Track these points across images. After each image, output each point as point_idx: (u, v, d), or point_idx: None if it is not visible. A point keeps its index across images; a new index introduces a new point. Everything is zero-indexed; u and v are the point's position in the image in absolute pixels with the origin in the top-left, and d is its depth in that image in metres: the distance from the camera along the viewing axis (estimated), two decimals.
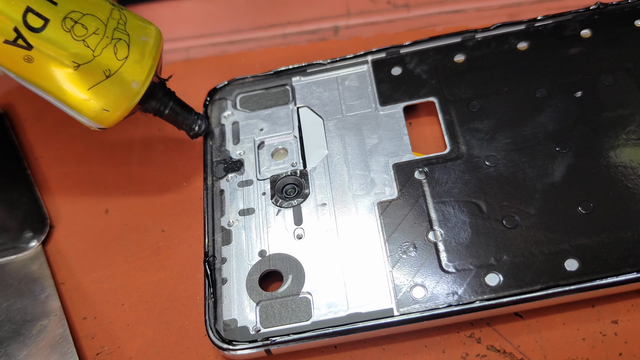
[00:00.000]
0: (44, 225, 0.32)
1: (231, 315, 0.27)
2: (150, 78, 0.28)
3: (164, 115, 0.30)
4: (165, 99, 0.29)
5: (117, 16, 0.27)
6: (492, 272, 0.26)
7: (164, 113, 0.30)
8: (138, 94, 0.27)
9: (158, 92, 0.29)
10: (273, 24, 0.38)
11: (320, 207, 0.29)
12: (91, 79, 0.26)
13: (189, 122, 0.31)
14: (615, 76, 0.29)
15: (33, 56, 0.26)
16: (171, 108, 0.30)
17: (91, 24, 0.26)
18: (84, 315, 0.29)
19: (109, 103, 0.27)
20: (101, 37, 0.26)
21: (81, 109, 0.27)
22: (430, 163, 0.29)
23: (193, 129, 0.31)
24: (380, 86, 0.32)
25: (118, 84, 0.27)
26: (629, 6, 0.31)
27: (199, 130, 0.31)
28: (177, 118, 0.30)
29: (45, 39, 0.25)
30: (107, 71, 0.26)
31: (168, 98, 0.30)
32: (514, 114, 0.29)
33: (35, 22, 0.25)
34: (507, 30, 0.32)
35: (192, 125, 0.31)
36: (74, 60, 0.26)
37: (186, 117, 0.30)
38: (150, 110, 0.29)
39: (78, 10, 0.26)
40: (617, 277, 0.25)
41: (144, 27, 0.28)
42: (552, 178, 0.27)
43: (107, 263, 0.31)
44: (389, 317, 0.25)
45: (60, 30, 0.25)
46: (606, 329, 0.26)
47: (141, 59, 0.27)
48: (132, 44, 0.27)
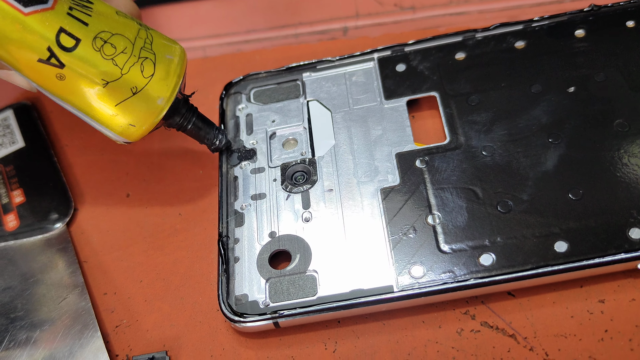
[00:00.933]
0: (69, 207, 0.34)
1: (242, 291, 0.29)
2: (174, 95, 0.29)
3: (187, 130, 0.31)
4: (188, 114, 0.30)
5: (144, 35, 0.28)
6: (486, 253, 0.27)
7: (187, 128, 0.31)
8: (163, 110, 0.28)
9: (182, 108, 0.30)
10: (286, 24, 0.41)
11: (327, 193, 0.31)
12: (119, 96, 0.28)
13: (211, 136, 0.32)
14: (606, 73, 0.31)
15: (65, 74, 0.27)
16: (194, 123, 0.31)
17: (120, 43, 0.27)
18: (104, 291, 0.32)
19: (135, 119, 0.28)
20: (129, 56, 0.27)
21: (109, 124, 0.28)
22: (431, 153, 0.31)
23: (214, 143, 0.32)
24: (385, 81, 0.34)
25: (144, 101, 0.28)
26: (621, 8, 0.33)
27: (219, 144, 0.32)
28: (200, 133, 0.31)
29: (76, 58, 0.26)
30: (134, 88, 0.28)
31: (191, 113, 0.31)
32: (510, 108, 0.31)
33: (67, 42, 0.26)
34: (506, 30, 0.34)
35: (213, 139, 0.32)
36: (103, 78, 0.27)
37: (208, 132, 0.31)
38: (174, 125, 0.30)
39: (108, 30, 0.27)
40: (603, 258, 0.26)
41: (169, 46, 0.29)
42: (545, 167, 0.29)
43: (127, 243, 0.33)
44: (389, 293, 0.27)
45: (90, 49, 0.27)
46: (593, 308, 0.27)
47: (166, 76, 0.28)
48: (157, 62, 0.28)
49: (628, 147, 0.29)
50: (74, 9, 0.26)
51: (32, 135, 0.37)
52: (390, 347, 0.28)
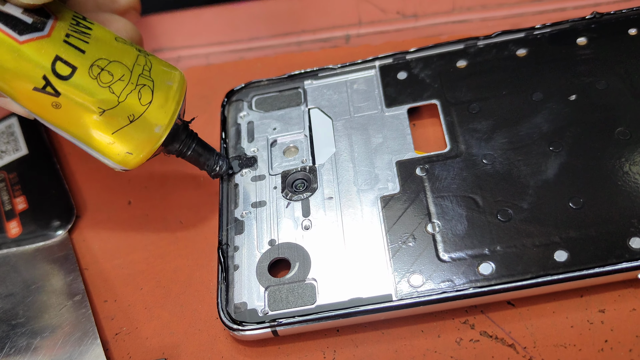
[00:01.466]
0: (71, 215, 0.34)
1: (242, 299, 0.29)
2: (172, 122, 0.28)
3: (186, 156, 0.30)
4: (188, 140, 0.30)
5: (143, 62, 0.28)
6: (486, 262, 0.27)
7: (186, 154, 0.30)
8: (161, 138, 0.28)
9: (181, 134, 0.30)
10: (289, 32, 0.41)
11: (327, 201, 0.31)
12: (116, 124, 0.27)
13: (211, 162, 0.31)
14: (608, 81, 0.31)
15: (61, 102, 0.26)
16: (194, 149, 0.30)
17: (117, 71, 0.27)
18: (105, 298, 0.32)
19: (132, 146, 0.28)
20: (126, 83, 0.27)
21: (106, 152, 0.28)
22: (431, 161, 0.31)
23: (214, 169, 0.31)
24: (386, 89, 0.34)
25: (141, 129, 0.27)
26: (623, 16, 0.33)
27: (219, 170, 0.32)
28: (200, 159, 0.31)
29: (72, 86, 0.26)
30: (131, 116, 0.27)
31: (191, 140, 0.30)
32: (511, 116, 0.31)
33: (63, 70, 0.26)
34: (508, 37, 0.34)
35: (213, 166, 0.31)
36: (100, 106, 0.26)
37: (208, 158, 0.31)
38: (173, 152, 0.30)
39: (105, 57, 0.27)
40: (603, 268, 0.26)
41: (168, 72, 0.28)
42: (545, 175, 0.29)
43: (128, 251, 0.33)
44: (388, 302, 0.27)
45: (87, 77, 0.26)
46: (593, 318, 0.27)
47: (164, 103, 0.28)
48: (156, 89, 0.28)
49: (629, 155, 0.29)
50: (71, 35, 0.26)
51: (36, 142, 0.37)
52: (389, 356, 0.27)
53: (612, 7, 0.37)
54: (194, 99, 0.38)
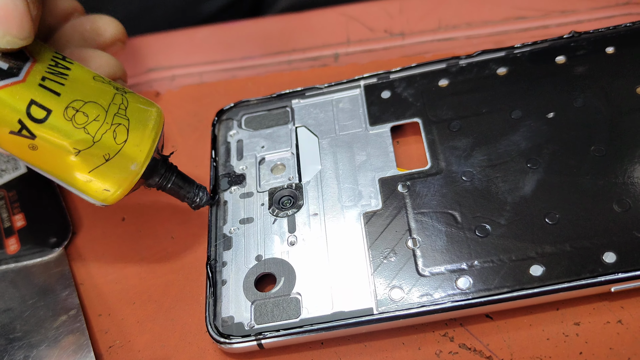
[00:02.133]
0: (67, 231, 0.35)
1: (229, 313, 0.30)
2: (149, 159, 0.29)
3: (166, 189, 0.31)
4: (167, 173, 0.31)
5: (119, 101, 0.28)
6: (464, 276, 0.28)
7: (166, 187, 0.31)
8: (137, 174, 0.29)
9: (160, 168, 0.30)
10: (280, 51, 0.42)
11: (312, 217, 0.32)
12: (91, 163, 0.28)
13: (191, 195, 0.32)
14: (585, 99, 0.32)
15: (37, 144, 0.27)
16: (174, 182, 0.31)
17: (92, 112, 0.27)
18: (99, 312, 0.33)
19: (109, 184, 0.28)
20: (101, 123, 0.27)
21: (84, 189, 0.29)
22: (413, 178, 0.32)
23: (195, 201, 0.32)
24: (370, 108, 0.35)
25: (117, 167, 0.28)
26: (600, 35, 0.34)
27: (200, 202, 0.32)
28: (180, 192, 0.31)
29: (48, 129, 0.27)
30: (106, 155, 0.28)
31: (170, 173, 0.31)
32: (491, 134, 0.32)
33: (38, 114, 0.26)
34: (488, 57, 0.35)
35: (194, 198, 0.32)
36: (75, 147, 0.27)
37: (188, 191, 0.31)
38: (153, 185, 0.31)
39: (80, 99, 0.27)
40: (577, 282, 0.27)
41: (144, 110, 0.29)
42: (522, 192, 0.30)
43: (122, 266, 0.34)
44: (369, 315, 0.28)
45: (62, 119, 0.27)
46: (569, 330, 0.28)
47: (140, 142, 0.28)
48: (131, 128, 0.28)
49: (604, 171, 0.29)
50: (47, 78, 0.27)
51: None
52: None
53: (593, 24, 0.38)
54: (187, 116, 0.39)
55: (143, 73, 0.43)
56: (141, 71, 0.43)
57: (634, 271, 0.27)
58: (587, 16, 0.38)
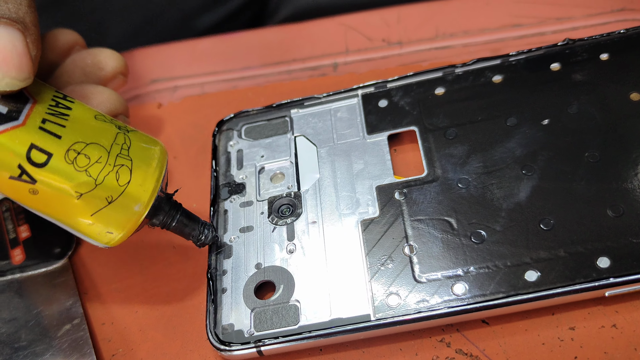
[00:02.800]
0: (71, 242, 0.36)
1: (229, 321, 0.30)
2: (153, 199, 0.28)
3: (170, 227, 0.30)
4: (172, 211, 0.30)
5: (122, 141, 0.28)
6: (459, 282, 0.29)
7: (171, 225, 0.30)
8: (141, 215, 0.28)
9: (164, 206, 0.30)
10: (280, 61, 0.42)
11: (311, 225, 0.32)
12: (94, 206, 0.27)
13: (196, 233, 0.31)
14: (579, 105, 0.32)
15: (37, 189, 0.26)
16: (178, 220, 0.30)
17: (94, 153, 0.27)
18: (102, 321, 0.33)
19: (113, 226, 0.28)
20: (103, 165, 0.27)
21: (86, 232, 0.28)
22: (409, 185, 0.32)
23: (200, 239, 0.31)
24: (368, 117, 0.35)
25: (120, 208, 0.27)
26: (595, 42, 0.34)
27: (205, 240, 0.31)
28: (184, 230, 0.31)
29: (48, 173, 0.26)
30: (109, 197, 0.27)
31: (175, 211, 0.30)
32: (486, 141, 0.32)
33: (38, 158, 0.26)
34: (484, 64, 0.35)
35: (199, 235, 0.31)
36: (77, 190, 0.26)
37: (193, 228, 0.31)
38: (157, 224, 0.30)
39: (82, 140, 0.26)
40: (571, 287, 0.27)
41: (147, 149, 0.29)
42: (517, 198, 0.30)
43: (125, 275, 0.35)
44: (366, 321, 0.29)
45: (63, 162, 0.26)
46: (564, 335, 0.28)
47: (143, 182, 0.28)
48: (134, 168, 0.28)
49: (597, 177, 0.30)
50: (47, 121, 0.26)
51: None
52: None
53: (589, 30, 0.38)
54: (188, 127, 0.40)
55: (146, 85, 0.43)
56: (144, 83, 0.44)
57: (628, 276, 0.27)
58: (583, 23, 0.38)
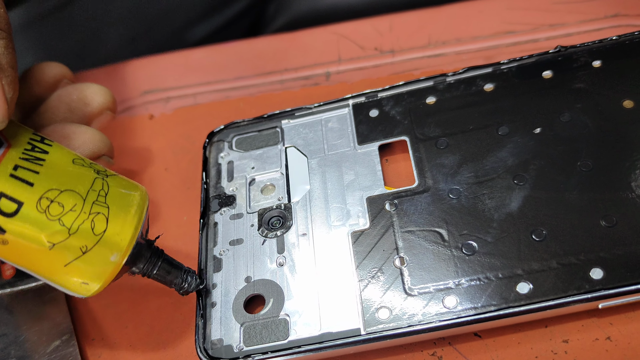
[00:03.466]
0: None
1: (218, 335, 0.30)
2: (130, 248, 0.27)
3: (152, 275, 0.29)
4: (153, 258, 0.29)
5: (99, 187, 0.26)
6: (451, 295, 0.28)
7: (152, 273, 0.29)
8: (119, 265, 0.27)
9: (145, 253, 0.28)
10: (272, 71, 0.42)
11: (301, 237, 0.32)
12: (67, 257, 0.26)
13: (179, 281, 0.30)
14: (572, 113, 0.32)
15: (7, 239, 0.25)
16: (160, 267, 0.29)
17: (68, 201, 0.25)
18: (92, 336, 0.33)
19: (87, 277, 0.26)
20: (78, 213, 0.25)
21: (61, 283, 0.27)
22: (400, 196, 0.32)
23: (183, 287, 0.30)
24: (359, 127, 0.35)
25: (96, 259, 0.26)
26: (587, 49, 0.33)
27: (188, 287, 0.30)
28: (167, 277, 0.29)
29: (19, 222, 0.25)
30: (83, 247, 0.26)
31: (156, 258, 0.29)
32: (478, 150, 0.32)
33: (8, 207, 0.24)
34: (475, 73, 0.35)
35: (181, 283, 0.30)
36: (49, 240, 0.25)
37: (176, 276, 0.29)
38: (137, 272, 0.29)
39: (56, 187, 0.25)
40: (564, 299, 0.27)
41: (126, 195, 0.27)
42: (509, 208, 0.30)
43: (115, 290, 0.34)
44: (356, 336, 0.28)
45: (34, 211, 0.25)
46: (557, 348, 0.28)
47: (121, 230, 0.26)
48: (111, 216, 0.26)
49: (590, 186, 0.29)
50: (20, 167, 0.25)
51: None
52: None
53: (582, 36, 0.38)
54: (180, 139, 0.40)
55: (138, 96, 0.43)
56: (136, 94, 0.43)
57: (621, 287, 0.26)
58: (576, 29, 0.38)
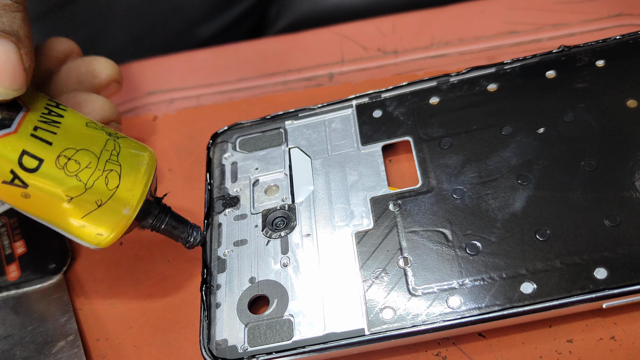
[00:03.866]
0: (66, 257, 0.36)
1: (223, 336, 0.30)
2: (141, 203, 0.29)
3: (160, 230, 0.31)
4: (161, 215, 0.31)
5: (111, 147, 0.29)
6: (455, 295, 0.28)
7: (160, 228, 0.31)
8: (130, 218, 0.29)
9: (154, 210, 0.31)
10: (275, 72, 0.42)
11: (305, 238, 0.32)
12: (84, 209, 0.28)
13: (185, 235, 0.32)
14: (575, 113, 0.32)
15: (29, 193, 0.27)
16: (167, 223, 0.31)
17: (84, 159, 0.28)
18: (97, 337, 0.33)
19: (102, 228, 0.29)
20: (93, 170, 0.28)
21: (77, 234, 0.29)
22: (404, 196, 0.32)
23: (189, 240, 0.32)
24: (362, 127, 0.35)
25: (110, 212, 0.28)
26: (590, 49, 0.33)
27: (194, 242, 0.32)
28: (174, 232, 0.31)
29: (40, 178, 0.27)
30: (98, 201, 0.28)
31: (164, 214, 0.31)
32: (481, 150, 0.32)
33: (30, 164, 0.27)
34: (479, 73, 0.35)
35: (187, 237, 0.32)
36: (67, 194, 0.27)
37: (182, 231, 0.32)
38: (147, 226, 0.31)
39: (72, 147, 0.28)
40: (568, 299, 0.27)
41: (136, 154, 0.30)
42: (513, 208, 0.30)
43: (119, 290, 0.34)
44: (360, 336, 0.28)
45: (54, 168, 0.27)
46: (562, 348, 0.28)
47: (132, 187, 0.29)
48: (123, 173, 0.29)
49: (594, 186, 0.29)
50: (39, 128, 0.27)
51: None
52: None
53: (585, 36, 0.38)
54: (184, 140, 0.40)
55: (142, 97, 0.43)
56: (140, 95, 0.43)
57: (625, 287, 0.26)
58: (579, 29, 0.38)
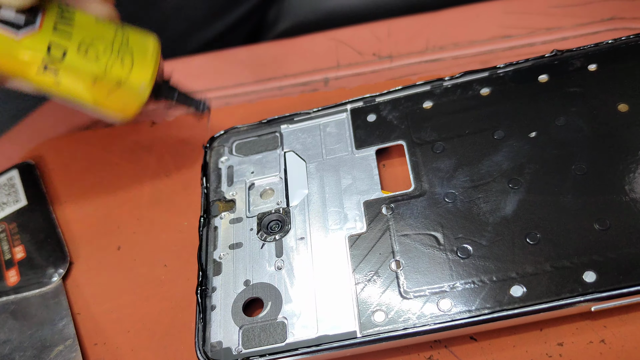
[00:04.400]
0: (65, 262, 0.36)
1: (217, 338, 0.30)
2: (154, 78, 0.34)
3: (174, 99, 0.36)
4: (171, 90, 0.36)
5: (121, 36, 0.33)
6: (445, 298, 0.28)
7: (173, 97, 0.36)
8: (146, 92, 0.34)
9: (164, 87, 0.35)
10: (271, 77, 0.43)
11: (299, 241, 0.32)
12: (108, 88, 0.33)
13: (194, 102, 0.36)
14: (567, 117, 0.32)
15: (60, 81, 0.32)
16: (179, 94, 0.36)
17: (100, 46, 0.33)
18: (95, 341, 0.33)
19: (125, 104, 0.34)
20: (110, 55, 0.33)
21: (105, 110, 0.34)
22: (396, 200, 0.32)
23: (199, 106, 0.36)
24: (356, 132, 0.35)
25: (129, 89, 0.33)
26: (582, 53, 0.34)
27: (203, 107, 0.36)
28: (185, 101, 0.36)
29: (67, 64, 0.32)
30: (119, 80, 0.33)
31: (173, 90, 0.36)
32: (473, 155, 0.32)
33: (57, 53, 0.32)
34: (472, 77, 0.35)
35: (197, 103, 0.36)
36: (92, 76, 0.32)
37: (191, 101, 0.36)
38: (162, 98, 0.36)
39: (88, 37, 0.33)
40: (557, 302, 0.27)
41: (143, 39, 0.34)
42: (504, 212, 0.30)
43: (117, 295, 0.35)
44: (352, 338, 0.28)
45: (77, 55, 0.32)
46: (552, 351, 0.28)
47: (145, 66, 0.33)
48: (135, 57, 0.33)
49: (584, 190, 0.29)
50: (58, 24, 0.32)
51: (34, 193, 0.40)
52: None
53: (579, 40, 0.38)
54: (181, 145, 0.40)
55: None
56: None
57: (613, 290, 0.27)
58: (572, 33, 0.38)
